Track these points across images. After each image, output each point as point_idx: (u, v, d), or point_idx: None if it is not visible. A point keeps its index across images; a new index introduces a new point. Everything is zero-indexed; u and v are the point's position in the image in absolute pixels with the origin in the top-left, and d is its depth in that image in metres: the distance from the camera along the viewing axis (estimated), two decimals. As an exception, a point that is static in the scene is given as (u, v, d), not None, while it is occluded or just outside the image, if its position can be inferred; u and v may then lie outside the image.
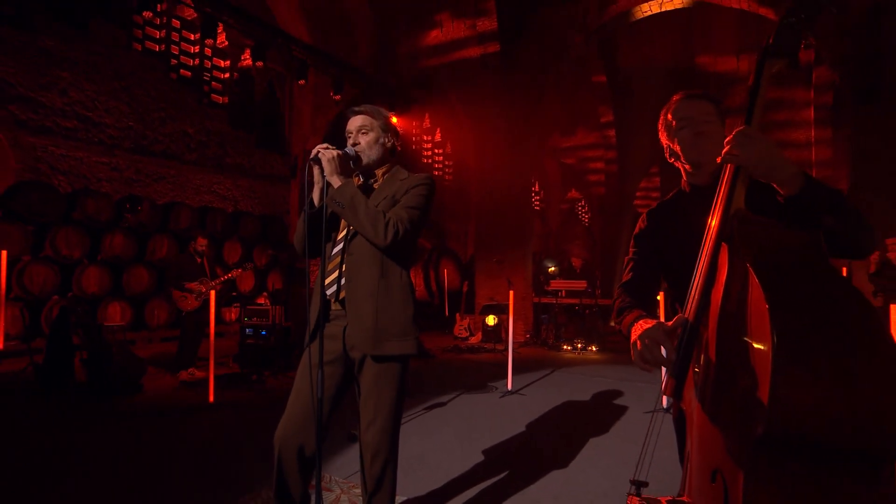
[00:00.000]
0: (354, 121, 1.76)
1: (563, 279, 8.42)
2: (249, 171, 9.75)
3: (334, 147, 1.66)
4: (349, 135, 1.77)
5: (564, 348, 7.45)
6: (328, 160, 1.61)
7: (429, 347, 7.11)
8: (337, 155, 1.63)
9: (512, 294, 5.18)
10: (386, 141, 1.78)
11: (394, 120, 1.86)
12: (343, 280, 1.68)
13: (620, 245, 12.06)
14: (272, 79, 10.33)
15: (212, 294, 4.41)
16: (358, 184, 1.74)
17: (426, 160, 13.49)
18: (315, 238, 1.71)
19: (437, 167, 13.74)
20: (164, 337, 7.21)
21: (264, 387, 4.89)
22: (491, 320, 7.95)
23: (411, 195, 1.70)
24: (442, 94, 9.36)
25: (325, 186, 1.61)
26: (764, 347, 0.83)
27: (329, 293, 1.69)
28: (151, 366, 5.30)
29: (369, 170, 1.78)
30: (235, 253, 8.37)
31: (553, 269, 9.24)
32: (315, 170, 1.67)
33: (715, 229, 1.08)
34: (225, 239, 8.33)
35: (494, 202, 8.51)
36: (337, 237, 1.75)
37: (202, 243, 5.39)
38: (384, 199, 1.70)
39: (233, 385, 4.84)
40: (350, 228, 1.70)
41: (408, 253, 1.75)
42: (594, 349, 7.35)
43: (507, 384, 4.78)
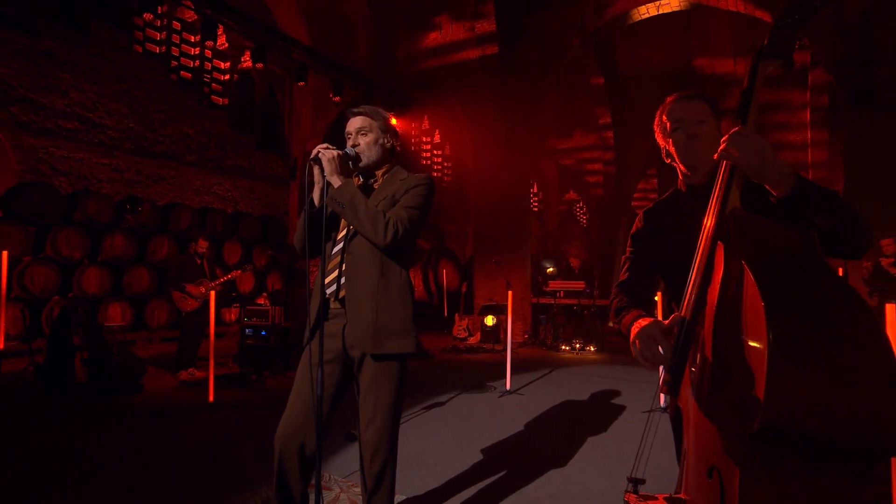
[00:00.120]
0: (354, 122, 1.76)
1: (562, 280, 8.45)
2: (249, 173, 9.77)
3: (334, 147, 1.67)
4: (349, 135, 1.77)
5: (563, 348, 7.47)
6: (328, 160, 1.62)
7: (428, 347, 7.13)
8: (337, 155, 1.63)
9: (510, 294, 5.17)
10: (385, 142, 1.78)
11: (393, 121, 1.86)
12: (343, 279, 1.68)
13: (618, 246, 12.08)
14: (272, 80, 10.36)
15: (212, 295, 4.43)
16: (358, 184, 1.75)
17: (425, 161, 13.51)
18: (315, 237, 1.71)
19: (436, 168, 13.76)
20: (164, 337, 7.22)
21: (264, 387, 4.90)
22: (489, 321, 7.95)
23: (411, 195, 1.71)
24: (441, 96, 9.39)
25: (326, 186, 1.62)
26: (759, 345, 0.83)
27: (329, 292, 1.69)
28: (151, 366, 5.30)
29: (369, 170, 1.78)
30: (235, 254, 8.38)
31: (551, 270, 9.26)
32: (315, 170, 1.67)
33: (711, 228, 1.08)
34: (225, 240, 8.34)
35: (493, 203, 8.52)
36: (337, 237, 1.76)
37: (203, 245, 5.41)
38: (384, 199, 1.71)
39: (232, 385, 4.85)
40: (350, 228, 1.70)
41: (407, 252, 1.75)
42: (592, 349, 7.36)
43: (506, 384, 4.79)
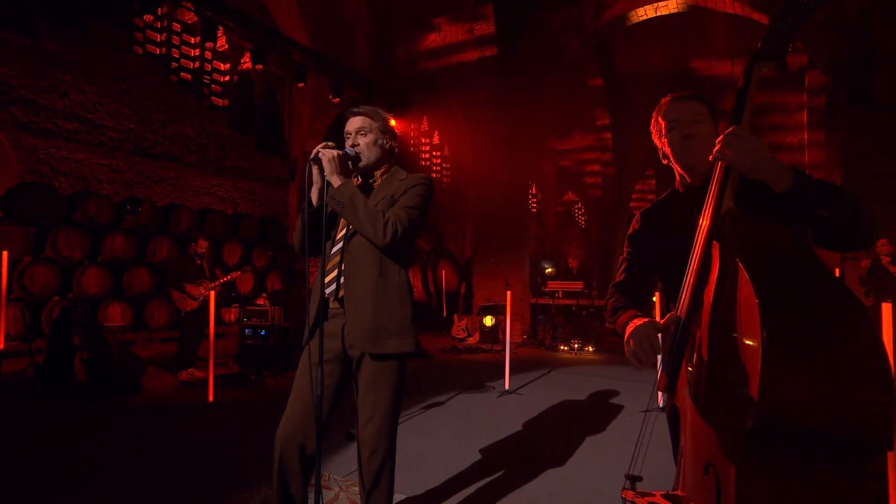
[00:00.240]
0: (353, 122, 1.76)
1: (560, 280, 8.47)
2: (249, 174, 9.79)
3: (334, 146, 1.68)
4: (348, 135, 1.76)
5: (561, 348, 7.49)
6: (328, 160, 1.62)
7: (427, 348, 7.14)
8: (337, 155, 1.64)
9: (509, 295, 5.17)
10: (384, 142, 1.78)
11: (392, 122, 1.87)
12: (342, 279, 1.68)
13: (617, 247, 12.12)
14: (272, 82, 10.37)
15: (211, 295, 4.44)
16: (357, 184, 1.75)
17: (424, 162, 13.54)
18: (314, 237, 1.71)
19: (435, 169, 13.80)
20: (164, 338, 7.23)
21: (263, 387, 4.92)
22: (488, 321, 7.97)
23: (410, 195, 1.71)
24: (440, 97, 9.42)
25: (325, 186, 1.62)
26: (754, 344, 0.84)
27: (328, 292, 1.69)
28: (151, 366, 5.31)
29: (368, 170, 1.78)
30: (235, 254, 8.39)
31: (550, 271, 9.27)
32: (314, 169, 1.67)
33: (706, 228, 1.09)
34: (225, 240, 8.34)
35: (492, 204, 8.54)
36: (336, 236, 1.76)
37: (203, 245, 5.43)
38: (383, 199, 1.71)
39: (232, 385, 4.86)
40: (349, 228, 1.71)
41: (406, 252, 1.75)
42: (591, 349, 7.38)
43: (505, 384, 4.80)
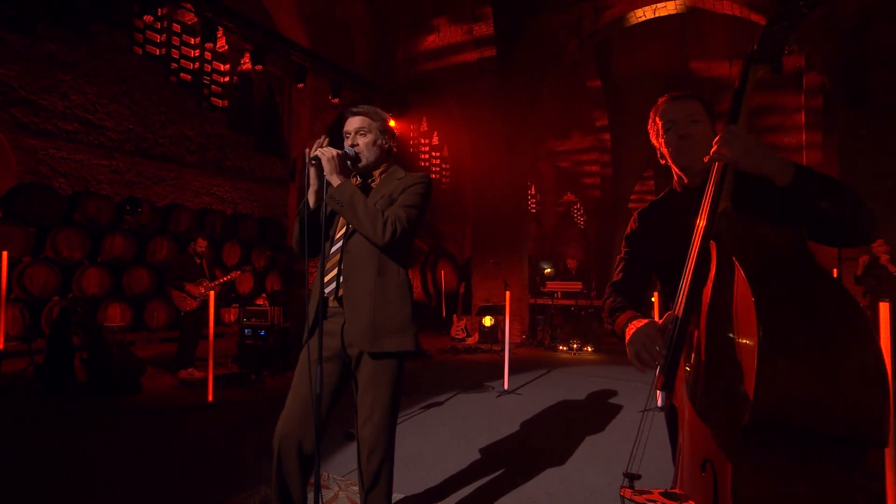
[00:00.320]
0: (353, 122, 1.75)
1: (559, 281, 8.49)
2: (248, 174, 9.80)
3: (326, 145, 1.68)
4: (347, 135, 1.76)
5: (560, 349, 7.50)
6: (328, 159, 1.62)
7: (426, 348, 7.16)
8: (336, 154, 1.64)
9: (508, 295, 5.18)
10: (383, 142, 1.78)
11: (391, 123, 1.87)
12: (341, 278, 1.69)
13: (615, 247, 12.13)
14: (271, 82, 10.39)
15: (211, 295, 4.45)
16: (356, 184, 1.76)
17: (423, 163, 13.56)
18: (313, 237, 1.72)
19: (435, 170, 13.83)
20: (164, 338, 7.23)
21: (263, 386, 4.93)
22: (487, 321, 7.98)
23: (408, 194, 1.71)
24: (439, 98, 9.44)
25: (325, 185, 1.63)
26: (750, 342, 0.85)
27: (327, 291, 1.70)
28: (151, 366, 5.32)
29: (367, 170, 1.78)
30: (234, 254, 8.40)
31: (549, 271, 9.29)
32: (311, 171, 1.67)
33: (703, 228, 1.09)
34: (224, 241, 8.35)
35: (491, 204, 8.56)
36: (335, 236, 1.77)
37: (202, 244, 5.43)
38: (381, 199, 1.71)
39: (232, 385, 4.87)
40: (348, 227, 1.71)
41: (405, 251, 1.76)
42: (590, 350, 7.40)
43: (504, 384, 4.81)
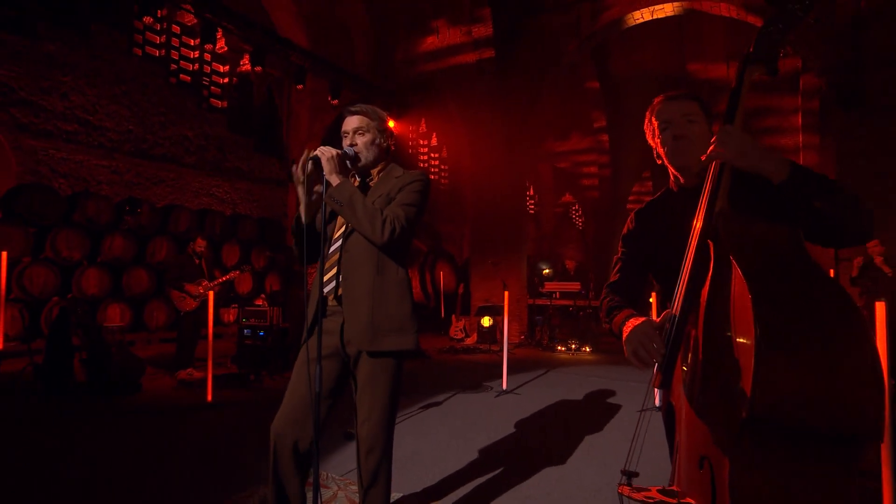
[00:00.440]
0: (351, 121, 1.75)
1: (558, 281, 8.52)
2: (248, 175, 9.82)
3: (311, 149, 1.69)
4: (345, 135, 1.76)
5: (559, 349, 7.52)
6: (327, 159, 1.63)
7: (425, 348, 7.17)
8: (336, 154, 1.65)
9: (507, 296, 5.18)
10: (382, 141, 1.78)
11: (391, 124, 1.88)
12: (340, 277, 1.70)
13: (613, 248, 12.11)
14: (271, 83, 10.41)
15: (210, 295, 4.45)
16: (355, 184, 1.77)
17: (423, 164, 13.59)
18: (311, 247, 1.73)
19: (434, 171, 13.86)
20: (163, 338, 7.24)
21: (262, 386, 4.94)
22: (486, 321, 7.99)
23: (406, 192, 1.71)
24: (438, 99, 9.46)
25: (324, 185, 1.64)
26: (748, 340, 0.86)
27: (327, 290, 1.70)
28: (150, 366, 5.32)
29: (365, 169, 1.79)
30: (234, 255, 8.41)
31: (547, 272, 9.32)
32: (299, 189, 1.68)
33: (700, 227, 1.10)
34: (223, 241, 8.36)
35: (490, 205, 8.58)
36: (334, 235, 1.78)
37: (201, 244, 5.44)
38: (379, 197, 1.71)
39: (231, 385, 4.88)
40: (347, 226, 1.72)
41: (404, 250, 1.76)
42: (588, 350, 7.41)
43: (503, 384, 4.82)
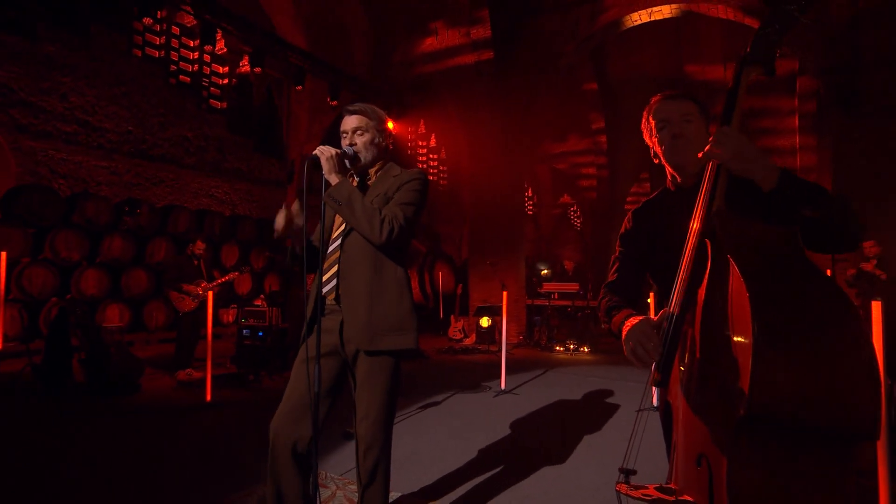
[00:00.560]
0: (350, 121, 1.76)
1: (556, 282, 8.53)
2: (247, 176, 9.84)
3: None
4: (344, 134, 1.76)
5: (557, 349, 7.53)
6: (327, 158, 1.64)
7: (423, 349, 7.17)
8: (335, 154, 1.66)
9: (505, 296, 5.19)
10: (381, 141, 1.78)
11: (390, 125, 1.89)
12: (339, 277, 1.71)
13: (611, 249, 12.12)
14: (270, 85, 10.43)
15: (209, 295, 4.47)
16: (354, 184, 1.78)
17: (421, 165, 13.62)
18: (309, 264, 1.76)
19: (432, 172, 13.89)
20: (163, 338, 7.25)
21: (261, 387, 4.94)
22: (485, 322, 7.99)
23: (404, 191, 1.71)
24: (437, 100, 9.47)
25: (324, 184, 1.65)
26: (745, 338, 0.86)
27: (326, 290, 1.71)
28: (150, 367, 5.33)
29: (364, 169, 1.80)
30: (233, 255, 8.42)
31: (546, 272, 9.34)
32: (280, 215, 1.73)
33: (697, 226, 1.10)
34: (223, 242, 8.36)
35: (488, 206, 8.60)
36: (333, 235, 1.79)
37: (200, 247, 5.45)
38: (377, 197, 1.72)
39: (230, 385, 4.89)
40: (345, 226, 1.74)
41: (403, 249, 1.77)
42: (586, 350, 7.42)
43: (501, 384, 4.84)
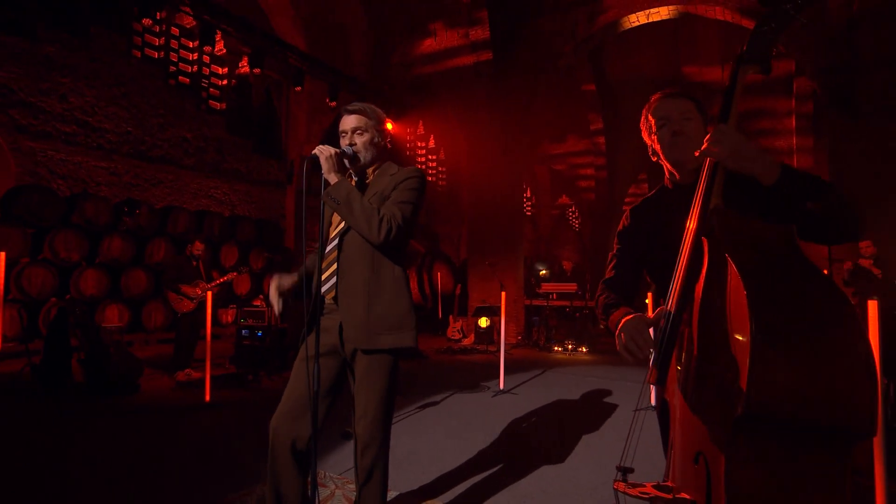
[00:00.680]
0: (349, 120, 1.75)
1: (554, 282, 8.55)
2: (246, 176, 9.85)
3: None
4: (343, 134, 1.76)
5: (555, 349, 7.54)
6: (326, 158, 1.64)
7: (422, 349, 7.18)
8: (334, 153, 1.67)
9: (504, 296, 5.21)
10: (380, 140, 1.79)
11: (389, 126, 1.90)
12: (337, 276, 1.72)
13: (610, 249, 12.18)
14: (269, 86, 10.45)
15: (208, 295, 4.47)
16: (353, 183, 1.78)
17: (420, 165, 13.65)
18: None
19: (431, 172, 13.93)
20: (162, 339, 7.26)
21: (260, 387, 4.95)
22: (483, 322, 8.00)
23: (401, 190, 1.71)
24: (436, 101, 9.50)
25: (323, 184, 1.66)
26: (743, 336, 0.86)
27: (324, 289, 1.72)
28: (149, 367, 5.33)
29: (363, 169, 1.81)
30: (232, 256, 8.43)
31: (544, 273, 9.35)
32: (273, 300, 1.72)
33: (694, 224, 1.11)
34: (222, 242, 8.38)
35: (487, 207, 8.62)
36: (331, 234, 1.79)
37: (199, 247, 5.45)
38: (374, 196, 1.72)
39: (229, 385, 4.89)
40: (343, 225, 1.74)
41: (402, 247, 1.78)
42: (584, 350, 7.44)
43: (500, 384, 4.84)
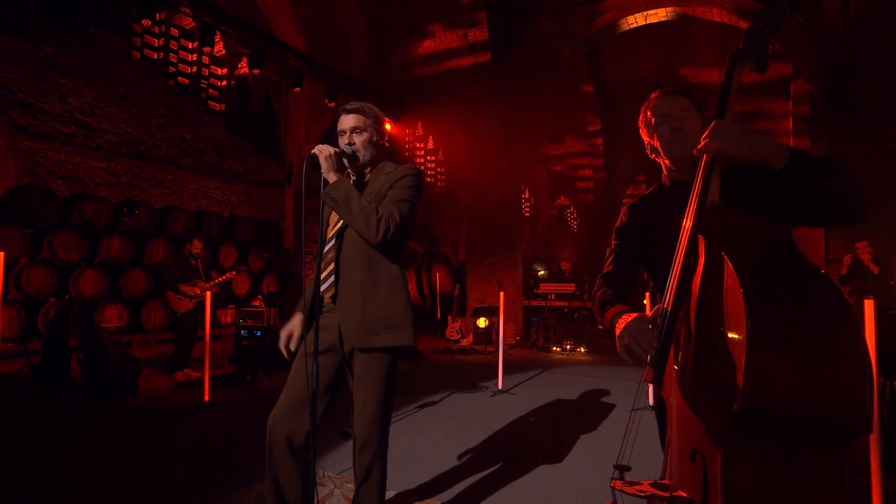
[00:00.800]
0: (348, 119, 1.76)
1: (553, 283, 8.57)
2: (245, 177, 9.86)
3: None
4: (342, 133, 1.77)
5: (554, 349, 7.57)
6: (325, 157, 1.66)
7: (421, 349, 7.19)
8: (333, 153, 1.68)
9: (502, 297, 5.23)
10: (378, 140, 1.80)
11: (388, 126, 1.92)
12: (335, 275, 1.73)
13: (608, 249, 12.22)
14: (268, 86, 10.46)
15: (207, 295, 4.47)
16: (351, 182, 1.80)
17: (419, 166, 13.67)
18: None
19: (430, 173, 13.95)
20: (161, 339, 7.26)
21: (259, 387, 4.96)
22: (482, 322, 8.02)
23: (398, 189, 1.72)
24: (434, 103, 9.52)
25: (322, 183, 1.68)
26: (739, 334, 0.86)
27: (323, 288, 1.73)
28: (148, 367, 5.34)
29: (362, 168, 1.82)
30: (231, 256, 8.44)
31: (542, 273, 9.38)
32: (283, 343, 1.74)
33: (691, 222, 1.11)
34: (221, 243, 8.38)
35: (485, 207, 8.64)
36: (329, 234, 1.80)
37: (197, 246, 5.47)
38: (371, 195, 1.73)
39: (228, 385, 4.90)
40: (340, 224, 1.76)
41: (400, 246, 1.78)
42: (583, 350, 7.46)
43: (498, 384, 4.86)
